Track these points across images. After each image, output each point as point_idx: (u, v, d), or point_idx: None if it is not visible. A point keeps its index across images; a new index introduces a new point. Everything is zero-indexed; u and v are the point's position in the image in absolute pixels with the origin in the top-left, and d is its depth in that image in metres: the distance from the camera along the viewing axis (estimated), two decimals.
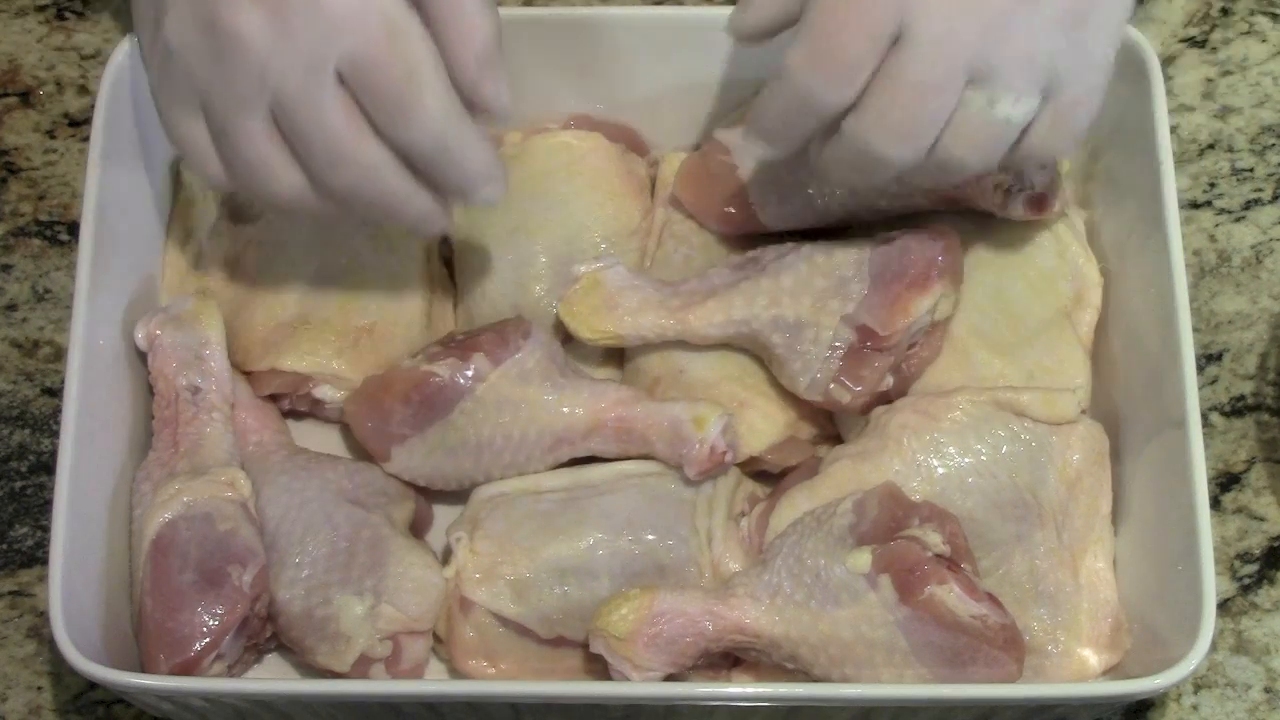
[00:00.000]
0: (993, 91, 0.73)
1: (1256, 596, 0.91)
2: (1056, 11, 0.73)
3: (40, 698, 0.89)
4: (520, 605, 0.84)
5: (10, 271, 0.99)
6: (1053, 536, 0.85)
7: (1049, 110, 0.75)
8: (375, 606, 0.83)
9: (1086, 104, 0.76)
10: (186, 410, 0.87)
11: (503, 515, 0.86)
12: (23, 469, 0.94)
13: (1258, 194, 1.00)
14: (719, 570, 0.85)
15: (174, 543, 0.82)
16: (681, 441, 0.85)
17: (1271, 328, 0.97)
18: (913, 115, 0.73)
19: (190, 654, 0.80)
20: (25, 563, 0.92)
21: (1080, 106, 0.75)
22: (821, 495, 0.85)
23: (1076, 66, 0.74)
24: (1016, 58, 0.73)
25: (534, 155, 0.94)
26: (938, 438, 0.85)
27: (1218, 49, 1.04)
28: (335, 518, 0.85)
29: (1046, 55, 0.73)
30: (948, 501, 0.83)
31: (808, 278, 0.87)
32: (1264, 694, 0.89)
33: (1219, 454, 0.94)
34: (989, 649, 0.78)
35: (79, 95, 1.03)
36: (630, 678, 0.81)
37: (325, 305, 0.90)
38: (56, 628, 0.78)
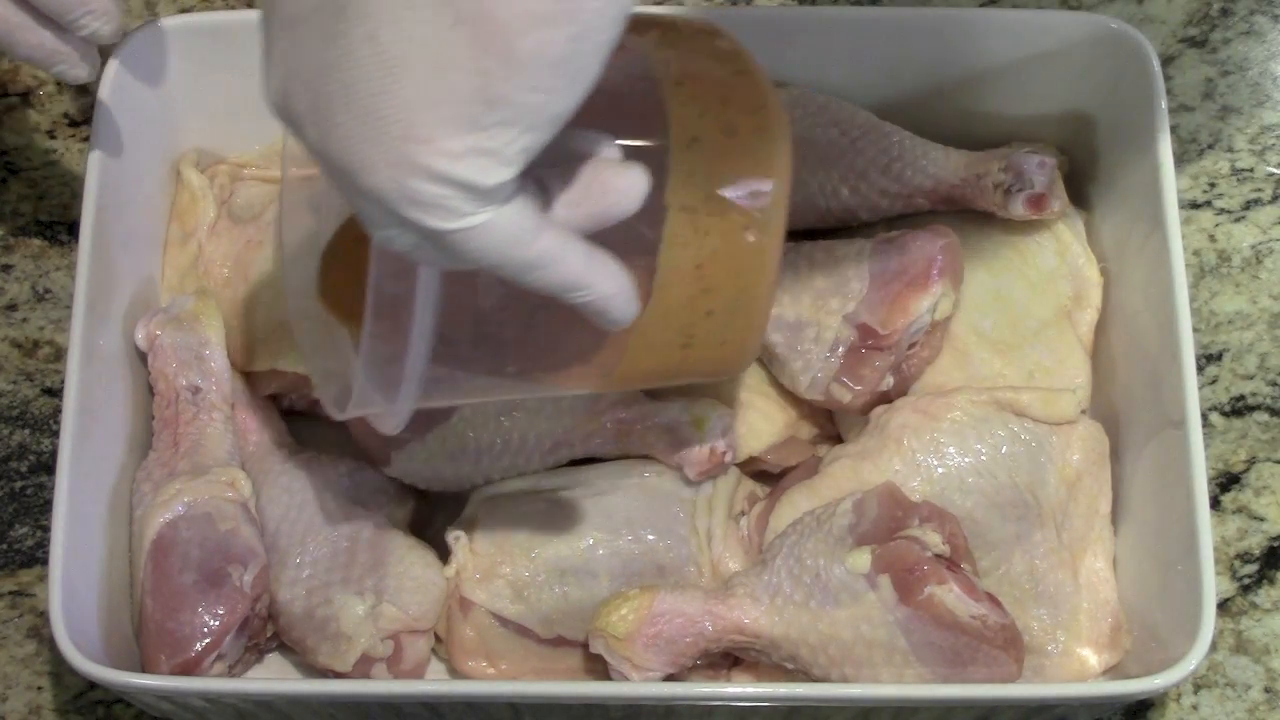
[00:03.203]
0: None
1: (1256, 596, 0.91)
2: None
3: (40, 698, 0.89)
4: (520, 605, 0.84)
5: (10, 271, 0.99)
6: (1052, 536, 0.85)
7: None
8: (376, 606, 0.83)
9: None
10: (187, 410, 0.87)
11: (502, 515, 0.86)
12: (23, 469, 0.94)
13: (1258, 194, 1.00)
14: (719, 570, 0.85)
15: (174, 543, 0.82)
16: (681, 442, 0.85)
17: (1271, 328, 0.97)
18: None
19: (191, 654, 0.80)
20: (25, 563, 0.92)
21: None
22: (821, 495, 0.85)
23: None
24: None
25: None
26: (938, 438, 0.85)
27: (1218, 49, 1.04)
28: (336, 517, 0.85)
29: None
30: (948, 501, 0.83)
31: (808, 277, 0.87)
32: (1264, 694, 0.89)
33: (1219, 454, 0.94)
34: (989, 649, 0.78)
35: (79, 95, 1.03)
36: (630, 678, 0.81)
37: None
38: (56, 628, 0.78)
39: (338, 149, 0.58)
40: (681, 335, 0.72)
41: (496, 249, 0.60)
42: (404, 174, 0.57)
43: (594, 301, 0.64)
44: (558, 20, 0.56)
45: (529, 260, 0.61)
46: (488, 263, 0.60)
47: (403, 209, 0.58)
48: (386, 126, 0.57)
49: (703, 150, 0.69)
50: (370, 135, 0.57)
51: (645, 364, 0.73)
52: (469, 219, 0.58)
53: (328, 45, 0.58)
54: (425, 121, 0.57)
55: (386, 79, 0.56)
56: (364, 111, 0.57)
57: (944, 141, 0.91)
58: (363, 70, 0.57)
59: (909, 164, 0.90)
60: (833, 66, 0.92)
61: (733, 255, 0.70)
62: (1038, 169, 0.88)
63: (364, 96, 0.57)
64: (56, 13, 0.77)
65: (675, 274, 0.70)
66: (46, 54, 0.79)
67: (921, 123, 0.92)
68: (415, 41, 0.56)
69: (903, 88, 0.93)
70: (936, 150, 0.90)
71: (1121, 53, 0.89)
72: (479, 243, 0.59)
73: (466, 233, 0.59)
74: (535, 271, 0.62)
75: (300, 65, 0.59)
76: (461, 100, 0.56)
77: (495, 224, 0.59)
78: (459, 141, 0.57)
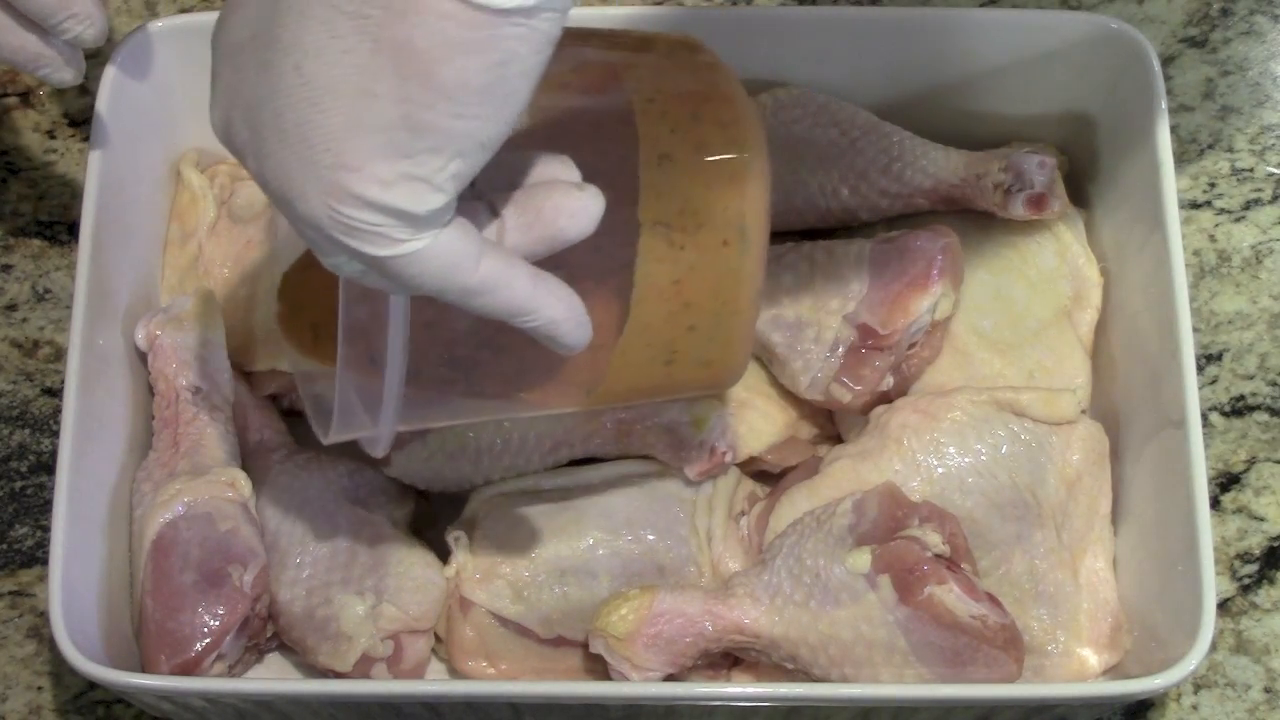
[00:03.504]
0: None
1: (1256, 596, 0.91)
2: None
3: (40, 698, 0.89)
4: (520, 605, 0.84)
5: (10, 271, 0.99)
6: (1052, 536, 0.85)
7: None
8: (376, 606, 0.83)
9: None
10: (187, 410, 0.87)
11: (502, 515, 0.86)
12: (23, 469, 0.94)
13: (1258, 194, 1.00)
14: (719, 570, 0.85)
15: (175, 543, 0.82)
16: (681, 442, 0.85)
17: (1271, 328, 0.97)
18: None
19: (191, 654, 0.80)
20: (25, 563, 0.92)
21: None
22: (821, 495, 0.85)
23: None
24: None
25: None
26: (938, 438, 0.85)
27: (1218, 49, 1.04)
28: (336, 518, 0.85)
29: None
30: (948, 501, 0.83)
31: (808, 277, 0.87)
32: (1264, 694, 0.89)
33: (1219, 454, 0.94)
34: (989, 649, 0.78)
35: (79, 95, 1.03)
36: (630, 678, 0.81)
37: None
38: (56, 628, 0.78)
39: (274, 178, 0.59)
40: (664, 352, 0.72)
41: (437, 275, 0.60)
42: (337, 202, 0.57)
43: (542, 326, 0.64)
44: (477, 48, 0.56)
45: (471, 286, 0.61)
46: (430, 289, 0.61)
47: (339, 236, 0.58)
48: (316, 155, 0.57)
49: (674, 167, 0.69)
50: (302, 165, 0.58)
51: (627, 382, 0.73)
52: (405, 245, 0.59)
53: (260, 75, 0.58)
54: (354, 149, 0.57)
55: (313, 109, 0.57)
56: (295, 141, 0.57)
57: (944, 141, 0.91)
58: (291, 100, 0.57)
59: (909, 164, 0.90)
60: (833, 66, 0.92)
61: (711, 270, 0.70)
62: (1038, 169, 0.88)
63: (294, 126, 0.57)
64: (39, 16, 0.77)
65: (652, 290, 0.70)
66: (30, 57, 0.79)
67: (921, 123, 0.92)
68: (340, 70, 0.56)
69: (903, 88, 0.93)
70: (936, 150, 0.90)
71: (1121, 53, 0.89)
72: (418, 269, 0.60)
73: (405, 259, 0.59)
74: (479, 297, 0.62)
75: (239, 95, 0.59)
76: (387, 128, 0.57)
77: (434, 250, 0.59)
78: (388, 168, 0.57)
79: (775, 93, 0.93)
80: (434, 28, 0.55)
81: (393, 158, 0.57)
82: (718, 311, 0.71)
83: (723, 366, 0.74)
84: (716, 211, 0.70)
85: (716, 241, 0.70)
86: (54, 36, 0.78)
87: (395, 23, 0.55)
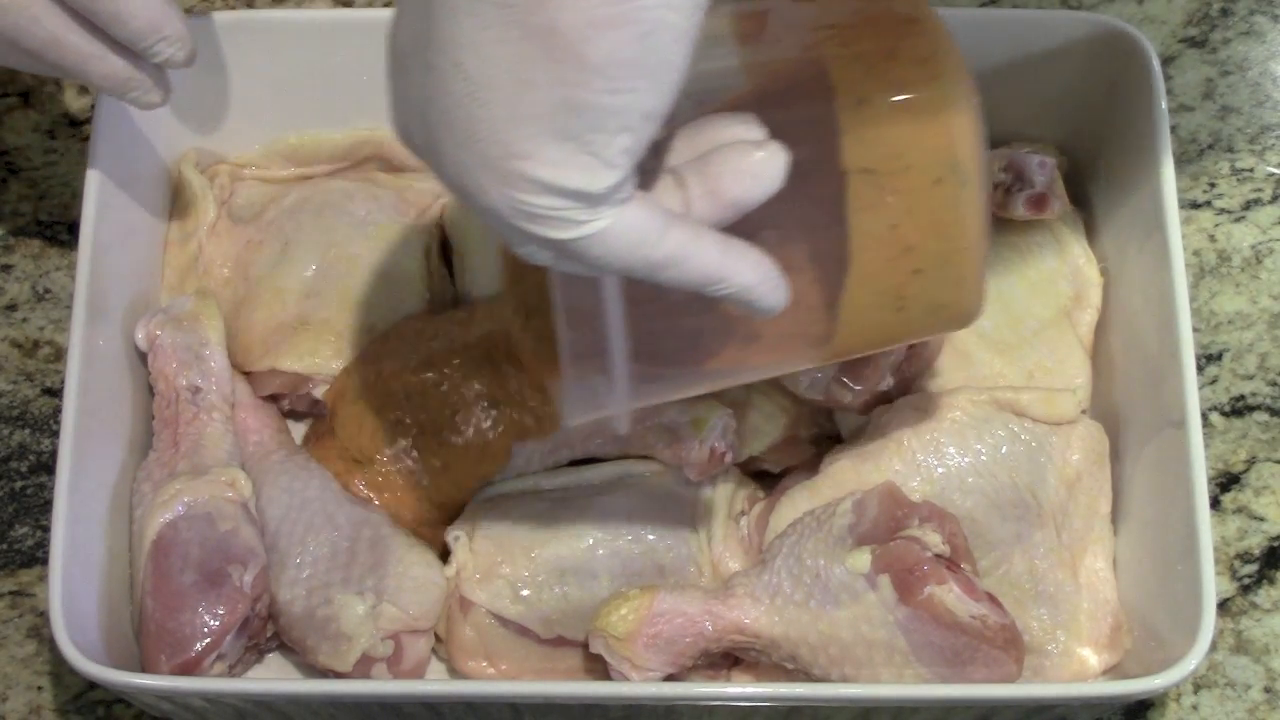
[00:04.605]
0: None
1: (1256, 596, 0.91)
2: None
3: (40, 698, 0.89)
4: (520, 605, 0.84)
5: (10, 271, 0.99)
6: (1052, 536, 0.85)
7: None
8: (376, 606, 0.83)
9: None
10: (187, 410, 0.87)
11: (502, 515, 0.86)
12: (23, 469, 0.94)
13: (1258, 194, 1.00)
14: (719, 570, 0.85)
15: (175, 543, 0.82)
16: (681, 442, 0.85)
17: (1271, 328, 0.97)
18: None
19: (191, 654, 0.80)
20: (25, 563, 0.92)
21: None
22: (821, 495, 0.85)
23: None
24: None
25: None
26: (938, 438, 0.85)
27: (1218, 49, 1.04)
28: (336, 517, 0.85)
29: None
30: (947, 501, 0.84)
31: None
32: (1264, 694, 0.89)
33: (1219, 454, 0.94)
34: (988, 649, 0.78)
35: (79, 95, 1.03)
36: (630, 678, 0.81)
37: (325, 305, 0.90)
38: (56, 628, 0.78)
39: (453, 175, 0.60)
40: (893, 299, 0.70)
41: (622, 252, 0.60)
42: (514, 190, 0.58)
43: (736, 293, 0.63)
44: (621, 22, 0.56)
45: (657, 260, 0.61)
46: (617, 267, 0.61)
47: (523, 224, 0.59)
48: (487, 148, 0.58)
49: (873, 109, 0.67)
50: (475, 159, 0.58)
51: (859, 333, 0.71)
52: (587, 226, 0.59)
53: (425, 77, 0.59)
54: (521, 138, 0.57)
55: (476, 104, 0.57)
56: (465, 137, 0.58)
57: None
58: (455, 98, 0.58)
59: None
60: None
61: (927, 211, 0.68)
62: (1038, 169, 0.88)
63: (461, 122, 0.58)
64: (131, 40, 0.78)
65: (869, 239, 0.68)
66: (119, 82, 0.79)
67: None
68: (496, 62, 0.57)
69: None
70: None
71: (1121, 53, 0.89)
72: (603, 249, 0.60)
73: (589, 239, 0.59)
74: (667, 270, 0.61)
75: (410, 99, 0.60)
76: (549, 113, 0.57)
77: (617, 228, 0.60)
78: (557, 151, 0.57)
79: None
80: (576, 8, 0.55)
81: (560, 140, 0.57)
82: (943, 252, 0.69)
83: (957, 308, 0.72)
84: (923, 150, 0.68)
85: (928, 181, 0.68)
86: (144, 59, 0.79)
87: (539, 8, 0.56)
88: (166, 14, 0.78)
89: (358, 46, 0.92)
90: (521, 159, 0.58)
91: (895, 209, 0.68)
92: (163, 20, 0.78)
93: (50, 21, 0.76)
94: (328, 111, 0.95)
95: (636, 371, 0.68)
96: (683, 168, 0.63)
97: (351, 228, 0.92)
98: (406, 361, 0.87)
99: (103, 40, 0.78)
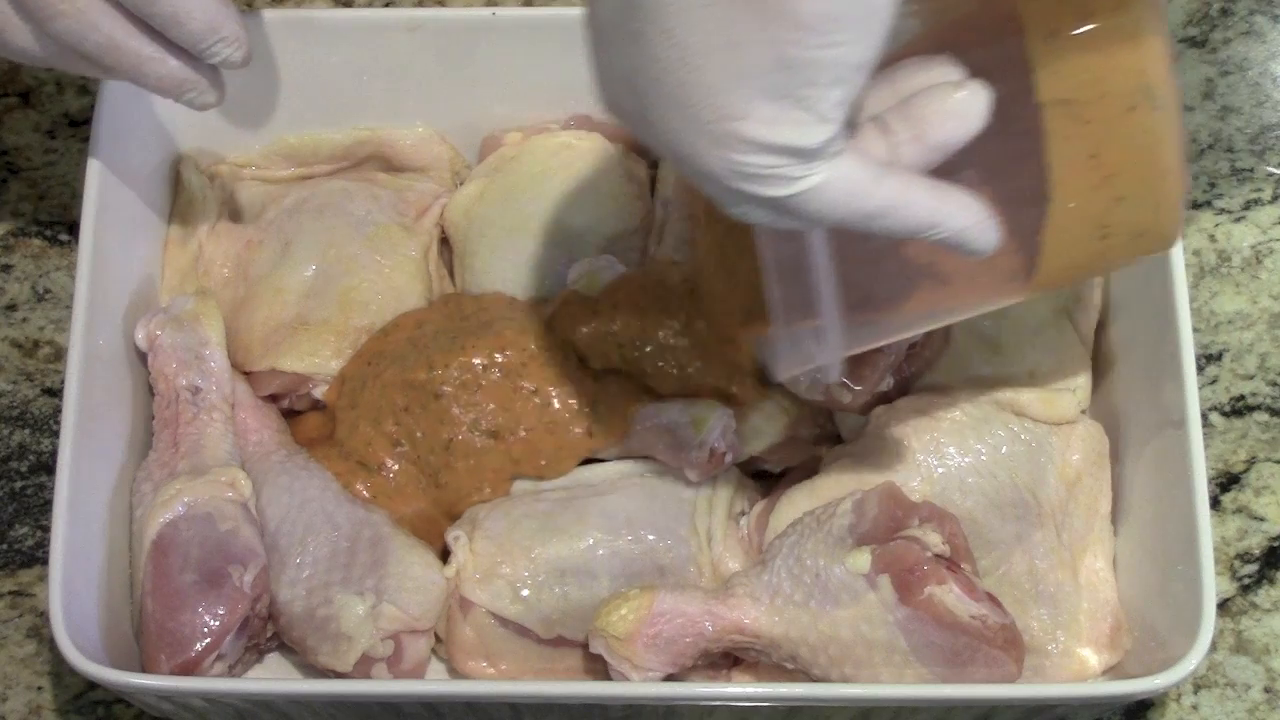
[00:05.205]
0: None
1: (1256, 596, 0.91)
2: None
3: (40, 698, 0.89)
4: (520, 605, 0.84)
5: (10, 271, 0.99)
6: (1052, 536, 0.85)
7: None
8: (376, 606, 0.83)
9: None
10: (187, 410, 0.87)
11: (502, 515, 0.86)
12: (23, 469, 0.94)
13: (1258, 194, 1.00)
14: (719, 570, 0.85)
15: (175, 543, 0.82)
16: (681, 442, 0.85)
17: (1271, 328, 0.97)
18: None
19: (191, 654, 0.80)
20: (25, 563, 0.92)
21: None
22: (821, 495, 0.85)
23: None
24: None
25: (534, 155, 0.94)
26: (938, 438, 0.85)
27: (1218, 49, 1.04)
28: (336, 517, 0.85)
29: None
30: (948, 501, 0.83)
31: None
32: (1264, 694, 0.89)
33: (1219, 454, 0.94)
34: (988, 649, 0.78)
35: (79, 95, 1.03)
36: (630, 678, 0.81)
37: (325, 305, 0.90)
38: (56, 628, 0.78)
39: (666, 141, 0.60)
40: (1096, 229, 0.70)
41: (838, 204, 0.61)
42: (730, 152, 0.59)
43: (950, 237, 0.64)
44: None
45: (872, 210, 0.62)
46: (833, 219, 0.61)
47: (739, 185, 0.60)
48: (700, 113, 0.59)
49: (1064, 40, 0.68)
50: (689, 124, 0.59)
51: (1063, 265, 0.71)
52: (803, 181, 0.60)
53: (633, 46, 0.59)
54: (734, 100, 0.58)
55: (688, 70, 0.58)
56: (677, 103, 0.59)
57: None
58: (666, 65, 0.59)
59: None
60: None
61: (1125, 138, 0.68)
62: None
63: (673, 89, 0.59)
64: (188, 42, 0.77)
65: (1070, 170, 0.68)
66: (176, 84, 0.79)
67: None
68: (705, 26, 0.57)
69: None
70: None
71: None
72: (819, 203, 0.61)
73: (805, 194, 0.60)
74: (881, 220, 0.62)
75: (617, 69, 0.61)
76: (762, 72, 0.57)
77: (831, 181, 0.60)
78: (771, 110, 0.58)
79: None
80: None
81: (774, 99, 0.58)
82: (1143, 178, 0.69)
83: (1158, 232, 0.72)
84: (1116, 77, 0.68)
85: (1123, 108, 0.68)
86: (201, 61, 0.79)
87: None
88: (224, 15, 0.77)
89: (358, 46, 0.92)
90: (736, 120, 0.58)
91: (1094, 137, 0.68)
92: (220, 21, 0.77)
93: (108, 25, 0.76)
94: (328, 111, 0.95)
95: (845, 321, 0.69)
96: (884, 115, 0.64)
97: (351, 228, 0.92)
98: (406, 364, 0.87)
99: (160, 42, 0.77)
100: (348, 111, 0.95)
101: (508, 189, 0.93)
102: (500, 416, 0.86)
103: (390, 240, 0.92)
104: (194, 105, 0.81)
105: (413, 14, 0.92)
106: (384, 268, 0.92)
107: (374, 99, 0.95)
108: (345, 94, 0.94)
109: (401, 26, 0.92)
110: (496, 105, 0.95)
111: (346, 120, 0.96)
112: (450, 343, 0.87)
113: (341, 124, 0.96)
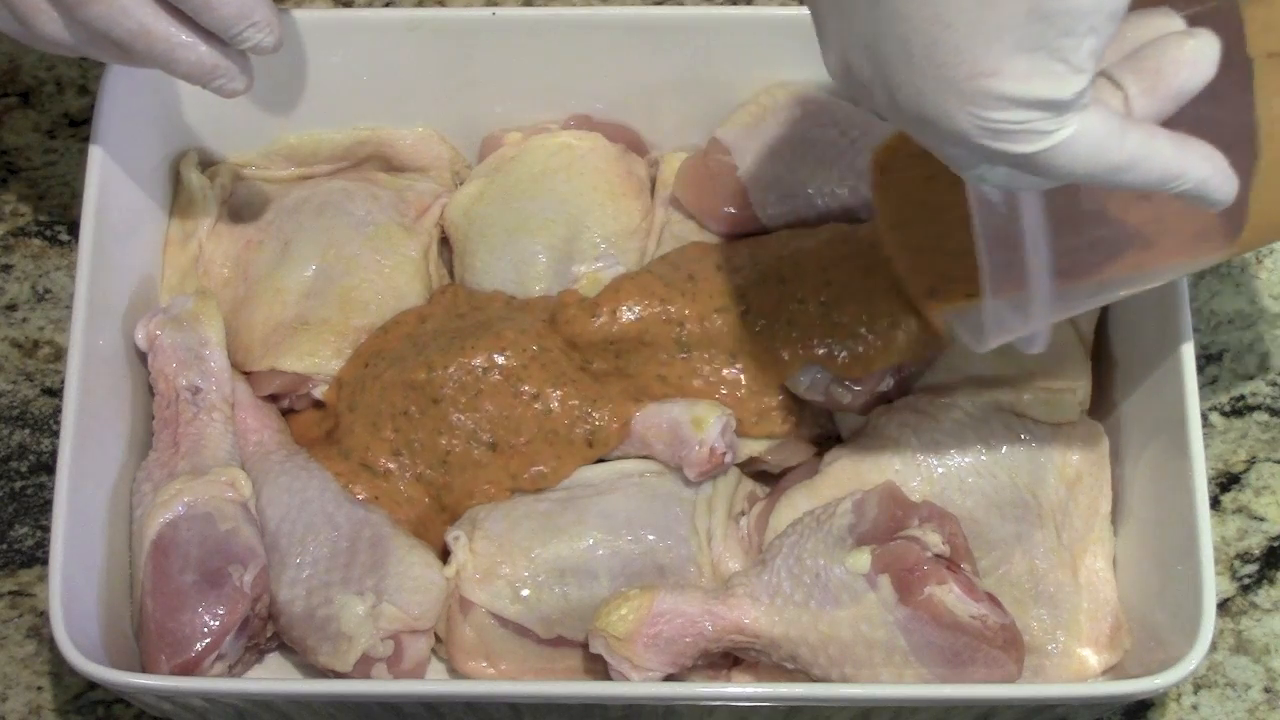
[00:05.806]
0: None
1: (1256, 596, 0.91)
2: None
3: (40, 698, 0.89)
4: (520, 605, 0.84)
5: (10, 271, 0.99)
6: (1052, 536, 0.85)
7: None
8: (376, 606, 0.83)
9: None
10: (186, 410, 0.87)
11: (502, 515, 0.86)
12: (23, 469, 0.94)
13: None
14: (719, 570, 0.85)
15: (175, 543, 0.82)
16: (681, 442, 0.85)
17: (1271, 328, 0.97)
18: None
19: (191, 654, 0.80)
20: (25, 563, 0.92)
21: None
22: (821, 495, 0.85)
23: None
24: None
25: (534, 155, 0.94)
26: (938, 438, 0.85)
27: None
28: (336, 517, 0.85)
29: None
30: (947, 501, 0.84)
31: None
32: (1264, 694, 0.89)
33: (1219, 454, 0.94)
34: (988, 649, 0.78)
35: (79, 95, 1.03)
36: (630, 678, 0.81)
37: (325, 305, 0.90)
38: (56, 628, 0.78)
39: (910, 104, 0.60)
40: None
41: (1086, 159, 0.61)
42: (980, 109, 0.59)
43: (1192, 188, 0.64)
44: None
45: (1120, 163, 0.61)
46: (1080, 174, 0.61)
47: (988, 142, 0.59)
48: (950, 71, 0.58)
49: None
50: (937, 84, 0.59)
51: (1273, 219, 0.71)
52: (1054, 136, 0.60)
53: (873, 12, 0.59)
54: (987, 55, 0.58)
55: (939, 27, 0.58)
56: (925, 62, 0.59)
57: None
58: (914, 24, 0.58)
59: None
60: None
61: None
62: None
63: (922, 49, 0.58)
64: (220, 28, 0.77)
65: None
66: (206, 70, 0.78)
67: None
68: None
69: None
70: None
71: None
72: (1068, 157, 0.60)
73: (1054, 150, 0.60)
74: (1127, 173, 0.62)
75: (853, 35, 0.61)
76: (1016, 25, 0.57)
77: (1080, 135, 0.60)
78: (1026, 63, 0.58)
79: (775, 93, 0.93)
80: None
81: (1027, 51, 0.58)
82: None
83: None
84: None
85: None
86: (231, 46, 0.78)
87: None
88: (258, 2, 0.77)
89: (358, 46, 0.92)
90: (988, 75, 0.58)
91: None
92: (252, 6, 0.77)
93: (139, 10, 0.76)
94: (328, 111, 0.95)
95: (1055, 287, 0.69)
96: (1113, 68, 0.63)
97: (351, 228, 0.92)
98: (406, 365, 0.87)
99: (191, 28, 0.77)
100: (348, 111, 0.95)
101: (508, 189, 0.93)
102: (499, 423, 0.86)
103: (390, 240, 0.92)
104: (222, 92, 0.80)
105: (413, 14, 0.92)
106: (384, 267, 0.92)
107: (374, 99, 0.95)
108: (345, 94, 0.94)
109: (401, 26, 0.92)
110: (496, 105, 0.95)
111: (346, 120, 0.96)
112: (450, 343, 0.87)
113: (341, 124, 0.96)
